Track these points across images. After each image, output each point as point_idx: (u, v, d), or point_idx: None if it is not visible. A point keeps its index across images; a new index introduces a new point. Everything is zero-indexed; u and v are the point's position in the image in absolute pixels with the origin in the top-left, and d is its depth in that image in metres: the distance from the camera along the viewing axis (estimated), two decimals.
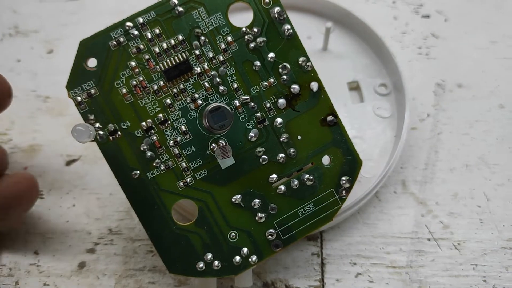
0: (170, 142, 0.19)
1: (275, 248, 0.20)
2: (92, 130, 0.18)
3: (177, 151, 0.19)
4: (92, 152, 0.26)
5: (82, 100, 0.18)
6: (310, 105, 0.19)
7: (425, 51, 0.30)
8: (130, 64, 0.18)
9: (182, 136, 0.19)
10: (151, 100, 0.18)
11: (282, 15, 0.19)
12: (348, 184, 0.20)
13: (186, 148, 0.19)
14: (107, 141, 0.18)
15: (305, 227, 0.20)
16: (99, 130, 0.18)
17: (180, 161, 0.19)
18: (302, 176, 0.20)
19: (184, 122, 0.19)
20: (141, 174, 0.19)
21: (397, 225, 0.24)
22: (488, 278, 0.22)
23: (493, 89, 0.28)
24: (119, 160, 0.18)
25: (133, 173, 0.19)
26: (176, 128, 0.19)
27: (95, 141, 0.18)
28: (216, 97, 0.19)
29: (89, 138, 0.17)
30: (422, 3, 0.32)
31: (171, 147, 0.19)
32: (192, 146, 0.19)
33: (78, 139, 0.17)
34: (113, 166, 0.19)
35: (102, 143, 0.18)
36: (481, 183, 0.25)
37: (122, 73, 0.18)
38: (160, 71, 0.18)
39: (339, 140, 0.20)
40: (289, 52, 0.19)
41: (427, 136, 0.27)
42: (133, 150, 0.18)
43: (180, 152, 0.19)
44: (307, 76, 0.19)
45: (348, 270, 0.23)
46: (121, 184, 0.19)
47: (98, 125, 0.18)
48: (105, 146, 0.18)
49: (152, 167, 0.19)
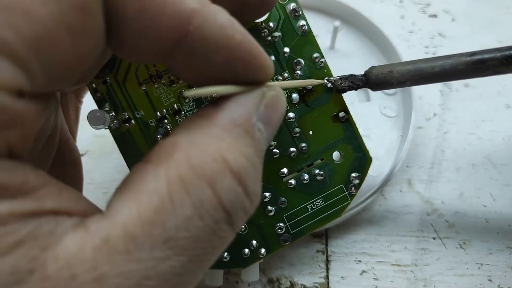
0: None
1: (284, 242, 0.20)
2: (107, 117, 0.18)
3: None
4: (99, 147, 0.26)
5: (97, 87, 0.18)
6: (322, 101, 0.19)
7: (432, 51, 0.30)
8: None
9: None
10: (166, 90, 0.18)
11: (297, 11, 0.19)
12: (358, 181, 0.20)
13: None
14: (121, 129, 0.18)
15: (313, 222, 0.20)
16: (113, 119, 0.18)
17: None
18: (313, 171, 0.20)
19: None
20: None
21: (402, 223, 0.24)
22: (494, 277, 0.22)
23: (500, 89, 0.28)
24: (132, 148, 0.18)
25: None
26: None
27: (108, 128, 0.18)
28: None
29: (103, 125, 0.17)
30: (429, 2, 0.32)
31: None
32: None
33: (93, 124, 0.17)
34: (126, 154, 0.19)
35: (116, 131, 0.18)
36: (487, 183, 0.25)
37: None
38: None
39: (350, 136, 0.20)
40: (303, 48, 0.19)
41: (433, 135, 0.27)
42: (146, 139, 0.19)
43: None
44: (320, 72, 0.19)
45: (353, 268, 0.23)
46: None
47: (112, 114, 0.18)
48: (118, 134, 0.18)
49: None
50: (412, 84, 0.18)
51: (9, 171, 0.10)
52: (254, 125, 0.13)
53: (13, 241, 0.09)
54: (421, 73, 0.18)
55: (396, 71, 0.18)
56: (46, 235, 0.10)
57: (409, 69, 0.18)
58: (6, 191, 0.10)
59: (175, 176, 0.11)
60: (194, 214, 0.11)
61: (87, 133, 0.25)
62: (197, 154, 0.11)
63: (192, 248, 0.11)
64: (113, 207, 0.11)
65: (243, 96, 0.13)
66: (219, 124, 0.12)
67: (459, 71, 0.17)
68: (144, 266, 0.10)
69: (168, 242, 0.11)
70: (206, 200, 0.11)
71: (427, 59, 0.18)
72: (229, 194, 0.11)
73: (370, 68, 0.19)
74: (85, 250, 0.10)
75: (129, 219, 0.11)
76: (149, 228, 0.10)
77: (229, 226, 0.12)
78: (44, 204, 0.10)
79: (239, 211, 0.12)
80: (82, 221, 0.11)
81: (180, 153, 0.11)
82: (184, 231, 0.11)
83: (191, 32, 0.12)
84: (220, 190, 0.11)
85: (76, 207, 0.11)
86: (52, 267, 0.10)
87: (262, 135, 0.13)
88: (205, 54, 0.12)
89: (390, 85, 0.19)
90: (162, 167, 0.11)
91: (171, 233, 0.11)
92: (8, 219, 0.10)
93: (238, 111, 0.13)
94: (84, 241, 0.10)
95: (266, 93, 0.14)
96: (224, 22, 0.12)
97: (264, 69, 0.13)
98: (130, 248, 0.10)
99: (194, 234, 0.11)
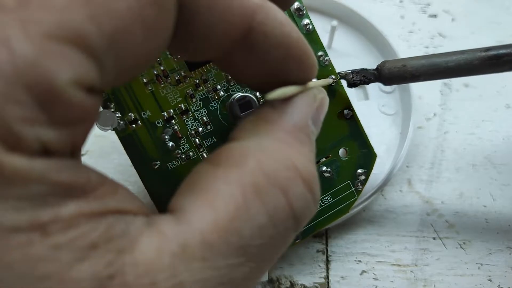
0: (192, 132, 0.19)
1: (294, 240, 0.20)
2: (116, 118, 0.18)
3: (198, 141, 0.19)
4: (99, 147, 0.26)
5: None
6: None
7: (432, 51, 0.30)
8: None
9: (203, 126, 0.19)
10: (172, 90, 0.18)
11: (302, 10, 0.19)
12: (364, 177, 0.20)
13: (207, 139, 0.19)
14: (127, 130, 0.18)
15: (323, 219, 0.20)
16: (119, 119, 0.18)
17: (201, 151, 0.19)
18: (320, 168, 0.20)
19: (206, 112, 0.19)
20: (161, 165, 0.19)
21: (402, 223, 0.24)
22: (494, 277, 0.22)
23: (500, 89, 0.28)
24: (139, 150, 0.18)
25: (153, 163, 0.18)
26: (198, 118, 0.19)
27: (114, 130, 0.18)
28: (238, 88, 0.19)
29: (111, 126, 0.17)
30: (429, 2, 0.32)
31: (192, 137, 0.19)
32: (213, 137, 0.19)
33: (102, 125, 0.17)
34: (133, 156, 0.18)
35: (122, 132, 0.18)
36: (487, 183, 0.25)
37: None
38: (182, 60, 0.18)
39: (355, 133, 0.20)
40: None
41: (433, 135, 0.27)
42: (153, 140, 0.18)
43: (201, 143, 0.19)
44: (325, 70, 0.19)
45: (353, 268, 0.23)
46: (140, 175, 0.19)
47: (118, 114, 0.18)
48: (124, 136, 0.18)
49: (173, 158, 0.19)
50: (426, 78, 0.18)
51: (73, 170, 0.09)
52: (311, 128, 0.13)
53: (88, 244, 0.09)
54: (435, 67, 0.18)
55: (409, 65, 0.18)
56: (119, 237, 0.10)
57: (423, 63, 0.18)
58: (72, 190, 0.09)
59: (249, 183, 0.11)
60: (268, 222, 0.11)
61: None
62: (269, 161, 0.12)
63: (262, 254, 0.11)
64: (187, 211, 0.11)
65: (299, 99, 0.13)
66: (284, 129, 0.13)
67: (474, 66, 0.17)
68: (219, 273, 0.10)
69: (242, 249, 0.11)
70: (280, 209, 0.11)
71: (441, 54, 0.18)
72: (301, 202, 0.12)
73: (383, 62, 0.19)
74: (164, 256, 0.10)
75: (207, 226, 0.10)
76: (225, 236, 0.10)
77: (295, 231, 0.12)
78: (108, 203, 0.10)
79: (306, 216, 0.12)
80: (151, 222, 0.10)
81: (252, 159, 0.11)
82: (257, 239, 0.11)
83: (254, 28, 0.12)
84: (292, 198, 0.11)
85: (136, 206, 0.11)
86: (132, 273, 0.09)
87: (314, 137, 0.13)
88: (264, 50, 0.12)
89: (403, 79, 0.19)
90: (234, 173, 0.11)
91: (245, 241, 0.11)
92: (77, 220, 0.09)
93: (298, 115, 0.13)
94: (162, 246, 0.10)
95: (317, 95, 0.14)
96: (283, 19, 0.12)
97: (315, 67, 0.13)
98: (207, 256, 0.10)
99: (266, 241, 0.11)
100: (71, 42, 0.09)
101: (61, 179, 0.09)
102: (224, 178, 0.11)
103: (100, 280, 0.09)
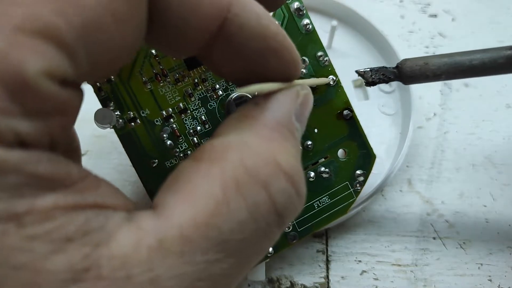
0: (190, 131, 0.19)
1: (291, 240, 0.20)
2: (114, 116, 0.18)
3: (197, 140, 0.19)
4: (99, 147, 0.26)
5: (101, 86, 0.18)
6: (327, 99, 0.20)
7: (432, 50, 0.30)
8: (151, 52, 0.18)
9: (202, 125, 0.19)
10: (171, 88, 0.18)
11: (301, 10, 0.19)
12: (362, 178, 0.20)
13: (206, 138, 0.19)
14: (126, 128, 0.18)
15: (320, 220, 0.20)
16: (118, 118, 0.18)
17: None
18: (318, 169, 0.20)
19: (204, 111, 0.19)
20: (159, 163, 0.19)
21: (402, 223, 0.24)
22: (494, 277, 0.22)
23: (500, 89, 0.28)
24: (137, 148, 0.18)
25: (151, 161, 0.19)
26: (196, 117, 0.19)
27: (113, 128, 0.18)
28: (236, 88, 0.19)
29: (110, 124, 0.17)
30: (430, 2, 0.32)
31: (191, 136, 0.19)
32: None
33: (100, 123, 0.17)
34: (131, 154, 0.18)
35: (121, 130, 0.18)
36: (487, 183, 0.25)
37: (142, 60, 0.18)
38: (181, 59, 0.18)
39: (354, 134, 0.20)
40: (307, 46, 0.19)
41: (433, 135, 0.27)
42: (152, 139, 0.18)
43: (199, 142, 0.19)
44: (325, 70, 0.19)
45: (353, 268, 0.23)
46: (138, 173, 0.19)
47: (117, 113, 0.18)
48: (123, 134, 0.18)
49: (171, 156, 0.19)
50: (448, 78, 0.18)
51: (52, 163, 0.09)
52: (294, 124, 0.13)
53: (64, 236, 0.09)
54: (458, 66, 0.17)
55: (432, 63, 0.18)
56: (96, 231, 0.10)
57: (446, 61, 0.18)
58: (50, 183, 0.09)
59: (230, 179, 0.11)
60: (249, 218, 0.11)
61: (87, 133, 0.25)
62: (251, 156, 0.11)
63: (243, 250, 0.11)
64: (167, 207, 0.11)
65: (281, 95, 0.13)
66: (266, 125, 0.12)
67: (499, 64, 0.17)
68: (197, 268, 0.10)
69: (221, 245, 0.11)
70: (261, 204, 0.11)
71: (464, 52, 0.18)
72: (283, 197, 0.11)
73: (404, 60, 0.19)
74: (141, 250, 0.10)
75: (185, 221, 0.10)
76: (204, 231, 0.10)
77: (279, 227, 0.12)
78: (88, 197, 0.10)
79: (291, 212, 0.12)
80: (131, 217, 0.10)
81: (233, 154, 0.11)
82: (237, 234, 0.11)
83: (229, 20, 0.12)
84: (274, 193, 0.11)
85: (118, 201, 0.11)
86: (107, 266, 0.09)
87: (299, 134, 0.13)
88: (241, 42, 0.12)
89: (425, 78, 0.18)
90: (215, 168, 0.11)
91: (225, 236, 0.11)
92: (54, 213, 0.09)
93: (280, 111, 0.13)
94: (139, 240, 0.10)
95: (300, 91, 0.14)
96: (261, 12, 0.12)
97: (296, 63, 0.13)
98: (185, 251, 0.10)
99: (247, 236, 0.11)
100: (40, 34, 0.09)
101: (38, 171, 0.09)
102: (205, 174, 0.11)
103: (75, 272, 0.09)
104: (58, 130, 0.10)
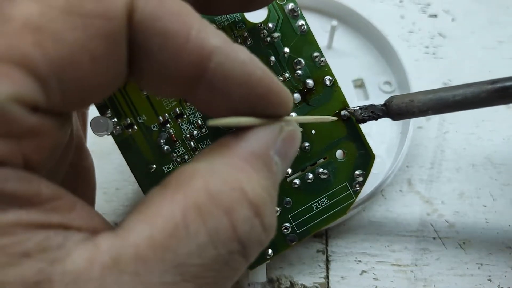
0: (187, 135, 0.19)
1: (291, 242, 0.20)
2: (110, 123, 0.18)
3: (193, 144, 0.19)
4: (99, 147, 0.26)
5: None
6: (324, 100, 0.20)
7: (432, 50, 0.30)
8: None
9: (198, 130, 0.19)
10: None
11: (296, 11, 0.19)
12: (362, 178, 0.20)
13: (202, 142, 0.19)
14: (123, 134, 0.18)
15: (319, 221, 0.20)
16: (116, 124, 0.18)
17: (197, 155, 0.19)
18: (317, 170, 0.20)
19: (200, 116, 0.19)
20: (157, 168, 0.19)
21: (402, 223, 0.24)
22: (494, 277, 0.22)
23: None
24: (135, 154, 0.19)
25: (149, 166, 0.19)
26: (192, 122, 0.19)
27: (111, 134, 0.18)
28: None
29: (106, 131, 0.17)
30: (429, 2, 0.32)
31: (187, 141, 0.19)
32: (208, 140, 0.19)
33: (96, 131, 0.17)
34: (129, 160, 0.19)
35: (118, 137, 0.18)
36: (487, 183, 0.25)
37: None
38: None
39: (352, 134, 0.20)
40: (303, 47, 0.19)
41: (433, 135, 0.27)
42: (149, 144, 0.19)
43: (196, 146, 0.19)
44: (321, 71, 0.19)
45: (353, 268, 0.23)
46: (137, 178, 0.19)
47: (115, 120, 0.18)
48: (121, 140, 0.18)
49: (168, 161, 0.19)
50: (434, 113, 0.18)
51: (21, 181, 0.10)
52: (272, 158, 0.13)
53: (20, 251, 0.09)
54: (442, 101, 0.18)
55: (417, 100, 0.18)
56: (54, 249, 0.10)
57: (431, 97, 0.18)
58: (16, 200, 0.10)
59: (192, 202, 0.11)
60: (208, 243, 0.11)
61: (88, 133, 0.25)
62: (216, 182, 0.11)
63: (202, 276, 0.11)
64: (126, 228, 0.11)
65: (262, 129, 0.13)
66: (239, 155, 0.12)
67: (482, 99, 0.17)
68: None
69: (179, 268, 0.10)
70: (222, 230, 0.11)
71: (448, 88, 0.18)
72: (245, 225, 0.11)
73: (390, 98, 0.19)
74: (94, 267, 0.10)
75: (142, 241, 0.10)
76: (161, 253, 0.10)
77: (243, 257, 0.12)
78: (53, 217, 0.10)
79: (254, 243, 0.12)
80: (92, 237, 0.11)
81: (199, 180, 0.11)
82: (196, 259, 0.11)
83: (211, 69, 0.12)
84: (236, 220, 0.11)
85: (87, 223, 0.11)
86: (59, 281, 0.10)
87: (278, 168, 0.13)
88: (225, 90, 0.12)
89: (411, 114, 0.19)
90: (179, 193, 0.11)
91: (182, 259, 0.10)
92: (15, 229, 0.10)
93: (257, 144, 0.13)
94: (93, 257, 0.10)
95: (284, 127, 0.14)
96: (246, 59, 0.12)
97: (284, 104, 0.13)
98: (140, 271, 0.10)
99: (206, 262, 0.11)
100: (14, 63, 0.10)
101: (4, 188, 0.10)
102: (169, 199, 0.11)
103: (26, 285, 0.09)
104: (32, 152, 0.10)
